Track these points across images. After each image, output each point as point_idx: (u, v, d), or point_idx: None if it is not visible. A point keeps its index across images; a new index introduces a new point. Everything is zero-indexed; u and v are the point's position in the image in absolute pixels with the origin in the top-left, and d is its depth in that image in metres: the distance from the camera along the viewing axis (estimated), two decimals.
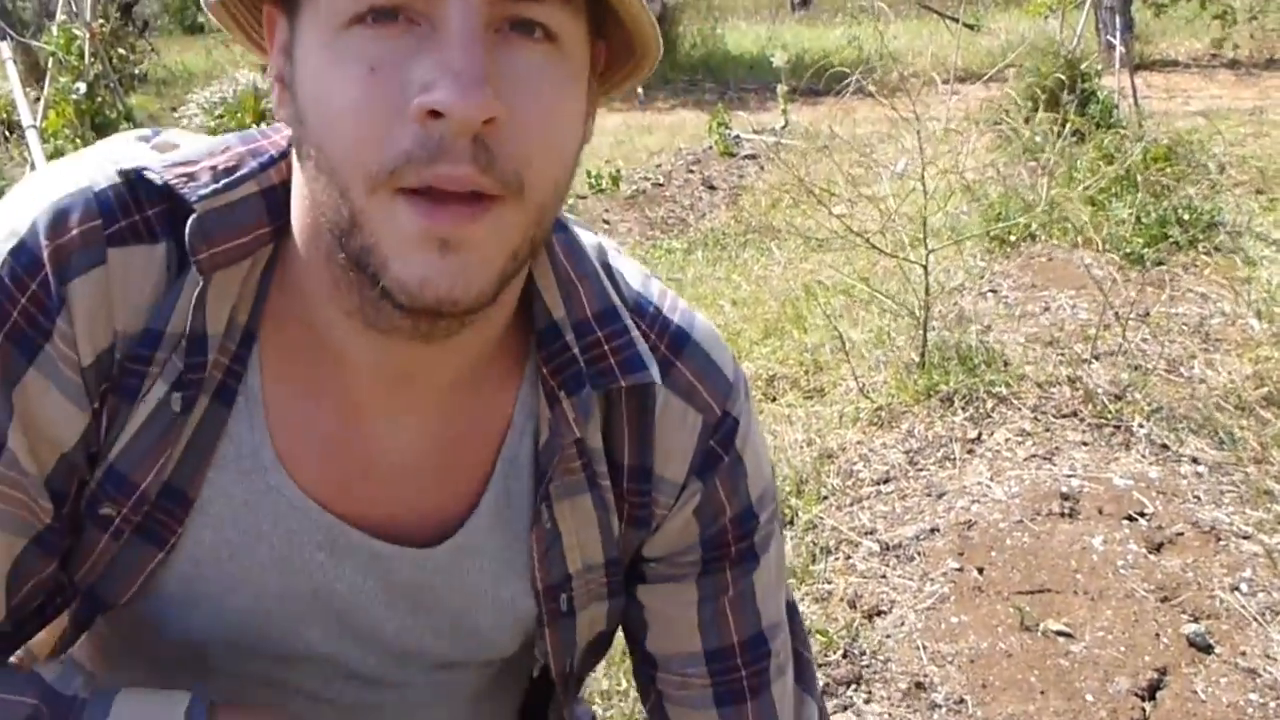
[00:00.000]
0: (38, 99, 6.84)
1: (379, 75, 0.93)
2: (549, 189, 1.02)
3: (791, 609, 1.42)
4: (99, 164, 1.10)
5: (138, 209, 1.08)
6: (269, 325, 1.15)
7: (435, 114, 0.91)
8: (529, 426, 1.23)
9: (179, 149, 1.14)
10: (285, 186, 1.12)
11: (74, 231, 1.05)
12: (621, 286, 1.26)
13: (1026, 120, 8.45)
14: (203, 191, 1.07)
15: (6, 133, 12.23)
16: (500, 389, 1.23)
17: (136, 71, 15.57)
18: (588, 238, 1.27)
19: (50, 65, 7.17)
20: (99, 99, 6.96)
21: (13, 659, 1.22)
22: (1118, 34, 10.17)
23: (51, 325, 1.05)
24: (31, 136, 6.38)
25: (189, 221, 1.06)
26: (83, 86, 6.90)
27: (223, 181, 1.09)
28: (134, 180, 1.09)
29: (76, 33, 7.13)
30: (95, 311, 1.06)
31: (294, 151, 1.05)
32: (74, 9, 7.42)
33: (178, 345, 1.09)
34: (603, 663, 1.71)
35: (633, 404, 1.24)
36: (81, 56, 7.05)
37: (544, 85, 0.98)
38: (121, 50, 11.93)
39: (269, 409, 1.16)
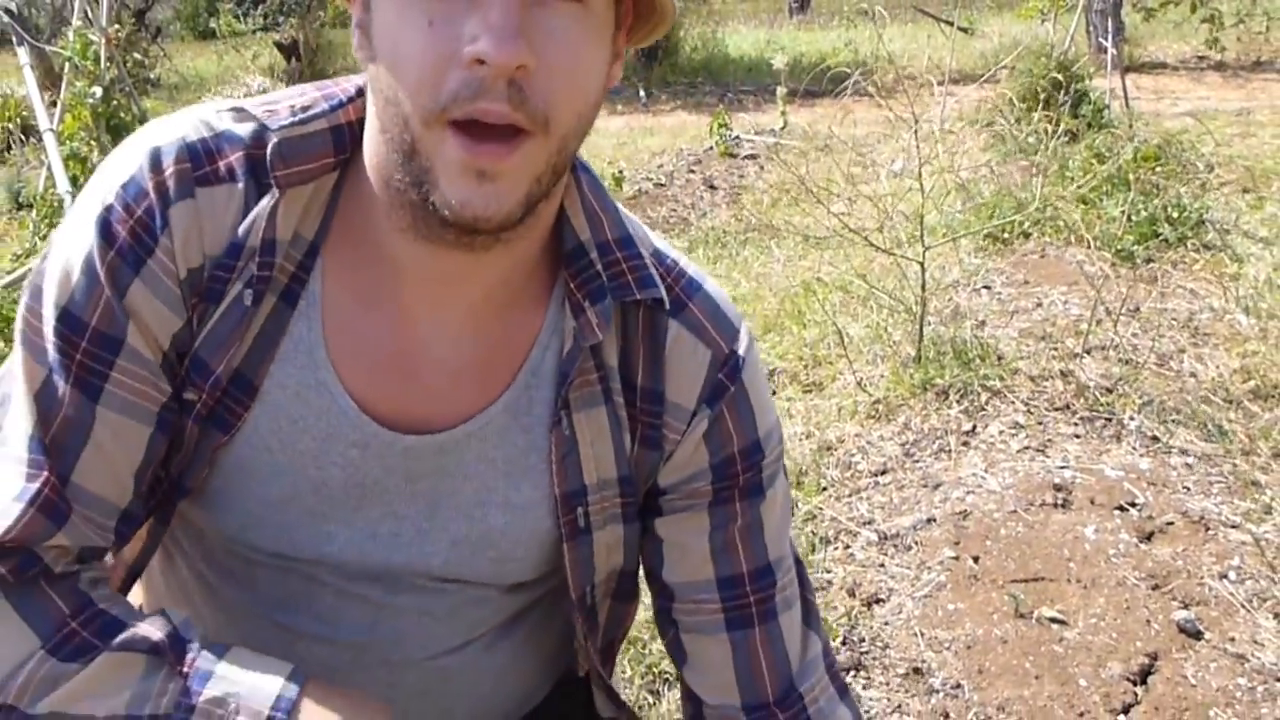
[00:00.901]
0: (54, 103, 6.86)
1: (436, 29, 1.09)
2: (572, 123, 1.17)
3: (797, 559, 1.50)
4: (191, 121, 1.27)
5: (220, 156, 1.25)
6: (333, 240, 1.31)
7: (479, 61, 1.07)
8: (554, 342, 1.36)
9: (265, 97, 1.32)
10: (352, 125, 1.29)
11: (170, 169, 1.22)
12: (640, 234, 1.42)
13: (1019, 121, 8.44)
14: (282, 122, 1.25)
15: (24, 136, 12.26)
16: (531, 308, 1.37)
17: (150, 76, 15.59)
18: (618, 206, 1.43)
19: (66, 70, 7.17)
20: (114, 103, 6.95)
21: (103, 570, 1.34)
22: (1109, 37, 10.16)
23: (155, 243, 1.21)
24: (49, 140, 6.39)
25: (270, 145, 1.23)
26: (99, 91, 6.88)
27: (299, 116, 1.26)
28: (221, 133, 1.26)
29: (92, 38, 7.12)
30: (189, 234, 1.23)
31: (368, 88, 1.22)
32: (89, 15, 7.41)
33: (254, 254, 1.25)
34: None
35: (647, 331, 1.38)
36: (97, 61, 7.04)
37: (570, 39, 1.13)
38: (136, 55, 11.92)
39: (326, 313, 1.30)
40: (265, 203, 1.24)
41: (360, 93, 1.30)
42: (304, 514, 1.34)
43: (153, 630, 1.22)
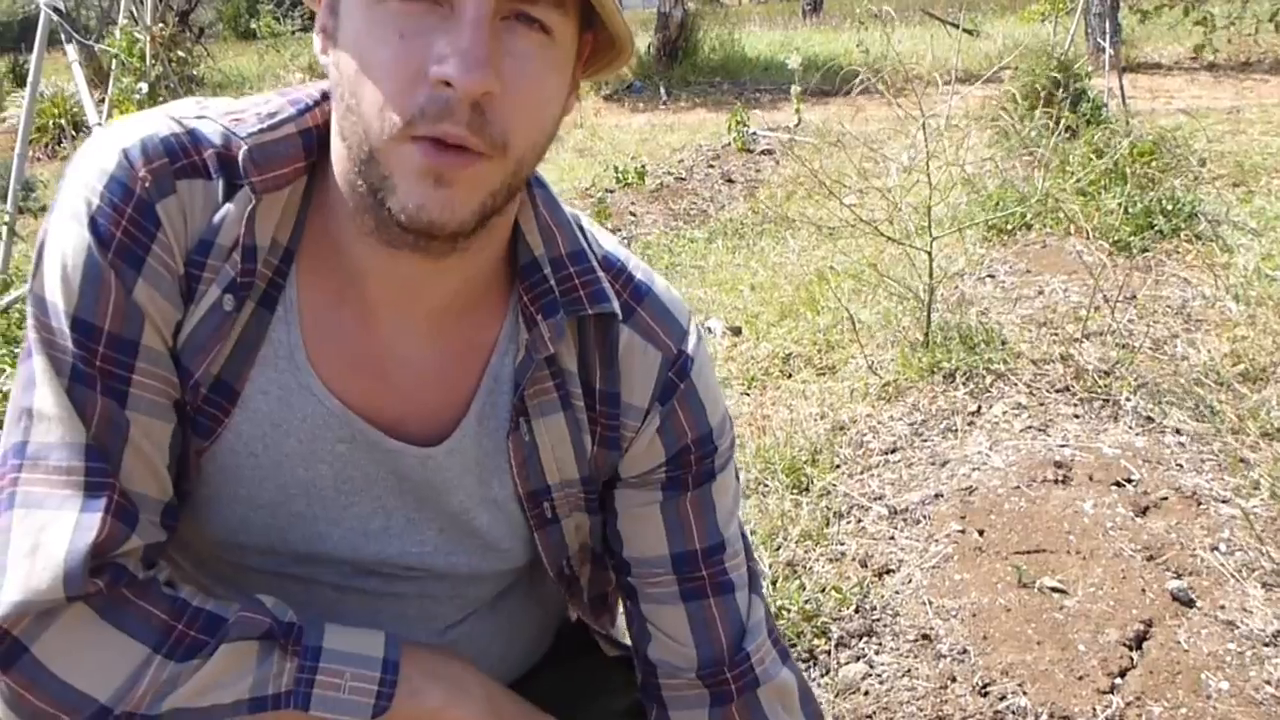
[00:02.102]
0: (101, 100, 6.86)
1: (406, 42, 1.07)
2: (528, 149, 1.16)
3: (743, 534, 1.51)
4: (160, 117, 1.23)
5: (196, 152, 1.21)
6: (306, 244, 1.27)
7: (446, 83, 1.05)
8: (511, 349, 1.35)
9: (225, 104, 1.28)
10: (320, 128, 1.26)
11: (154, 164, 1.18)
12: (593, 243, 1.40)
13: (1022, 118, 8.43)
14: (250, 129, 1.22)
15: (74, 131, 12.30)
16: (490, 317, 1.35)
17: (194, 74, 15.63)
18: (567, 209, 1.41)
19: (113, 67, 7.17)
20: (160, 98, 6.95)
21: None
22: (1107, 38, 10.13)
23: (151, 241, 1.18)
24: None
25: (241, 153, 1.20)
26: (144, 87, 6.89)
27: (266, 123, 1.23)
28: (191, 130, 1.22)
29: (138, 36, 7.13)
30: (178, 228, 1.19)
31: (331, 93, 1.19)
32: (135, 14, 7.42)
33: (228, 255, 1.21)
34: None
35: (600, 338, 1.37)
36: (143, 59, 7.05)
37: (534, 67, 1.12)
38: (180, 53, 11.96)
39: (303, 316, 1.28)
40: (237, 207, 1.20)
41: (326, 96, 1.26)
42: (294, 516, 1.32)
43: (257, 615, 1.21)
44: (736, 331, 5.52)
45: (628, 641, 1.59)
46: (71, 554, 1.12)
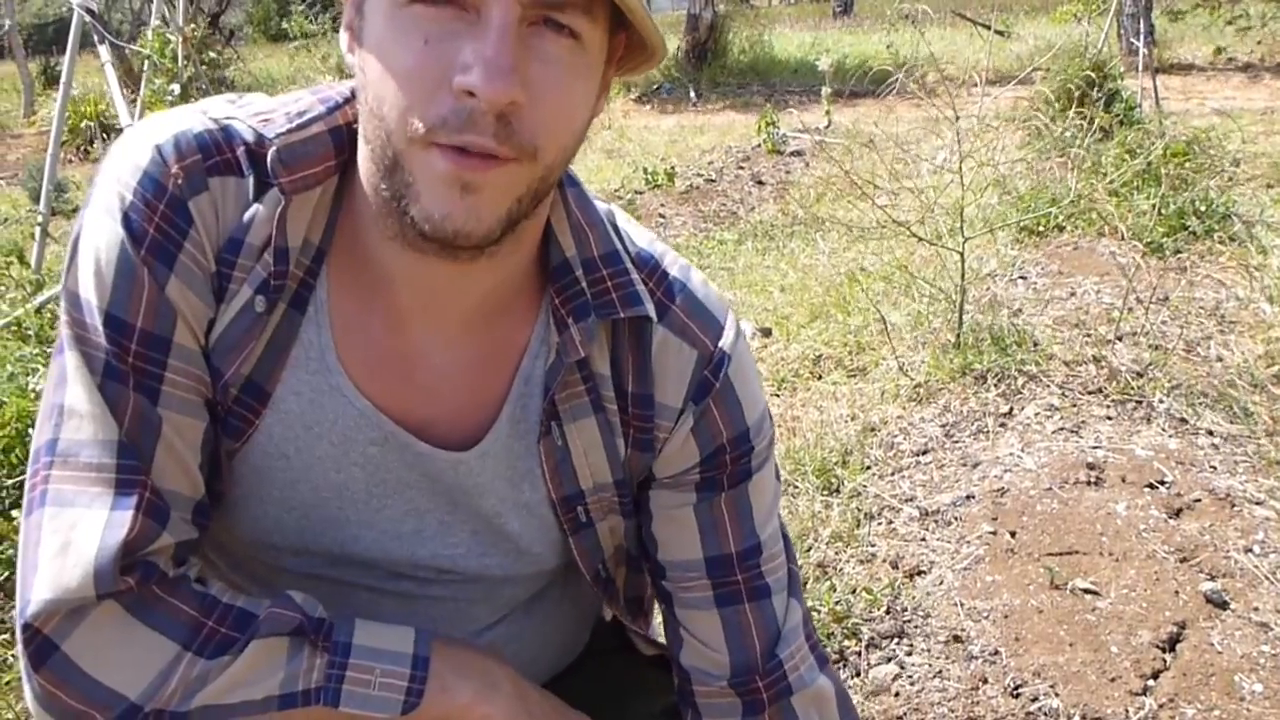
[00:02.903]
0: (133, 101, 6.89)
1: (431, 48, 1.05)
2: (557, 154, 1.14)
3: (784, 534, 1.48)
4: (194, 114, 1.23)
5: (229, 148, 1.20)
6: (337, 245, 1.27)
7: (470, 92, 1.03)
8: (542, 351, 1.34)
9: (257, 103, 1.27)
10: (350, 126, 1.24)
11: (186, 161, 1.18)
12: (627, 242, 1.37)
13: (1054, 119, 8.41)
14: (279, 130, 1.20)
15: (104, 133, 12.36)
16: (521, 319, 1.34)
17: (224, 77, 15.71)
18: (601, 205, 1.38)
19: (145, 68, 7.21)
20: (191, 100, 6.99)
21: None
22: (1141, 38, 10.09)
23: (183, 238, 1.17)
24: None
25: (269, 153, 1.19)
26: (176, 88, 6.93)
27: (295, 122, 1.22)
28: (225, 126, 1.21)
29: (170, 38, 7.17)
30: (209, 225, 1.19)
31: (356, 94, 1.18)
32: (167, 16, 7.47)
33: (259, 256, 1.21)
34: None
35: (633, 339, 1.34)
36: (175, 60, 7.09)
37: (562, 73, 1.10)
38: (211, 54, 12.04)
39: (333, 318, 1.27)
40: (268, 207, 1.20)
41: (355, 94, 1.22)
42: (327, 519, 1.32)
43: (287, 611, 1.21)
44: (766, 333, 5.52)
45: (664, 640, 1.58)
46: (102, 552, 1.12)
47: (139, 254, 1.15)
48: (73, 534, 1.13)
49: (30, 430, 3.49)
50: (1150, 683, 2.77)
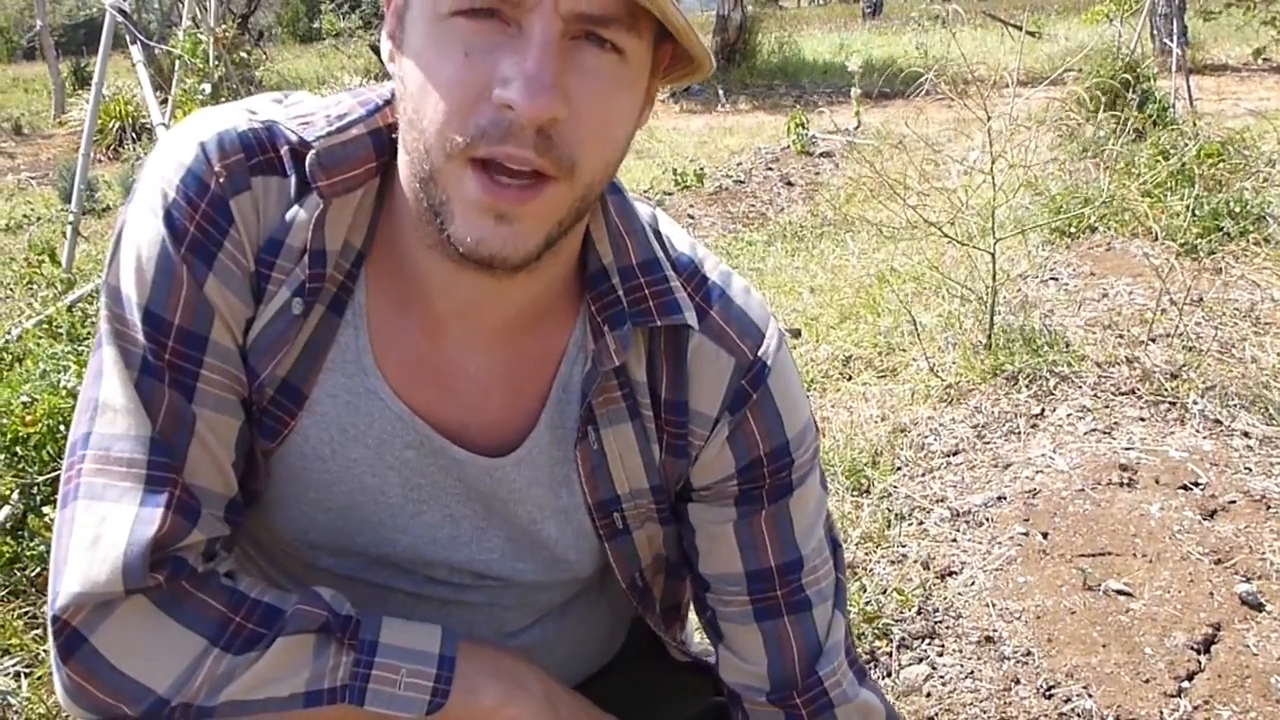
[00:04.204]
0: (164, 101, 6.93)
1: (471, 60, 1.05)
2: (599, 170, 1.13)
3: (834, 544, 1.47)
4: (239, 112, 1.23)
5: (273, 148, 1.21)
6: (376, 248, 1.27)
7: (509, 106, 1.03)
8: (580, 358, 1.33)
9: (301, 104, 1.26)
10: (391, 128, 1.23)
11: (229, 160, 1.18)
12: (667, 246, 1.36)
13: (1087, 119, 8.38)
14: (319, 133, 1.20)
15: (135, 133, 12.44)
16: (558, 326, 1.33)
17: (253, 77, 15.79)
18: (642, 208, 1.38)
19: (177, 68, 7.26)
20: (222, 100, 7.02)
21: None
22: (1174, 38, 10.06)
23: (223, 237, 1.18)
24: (162, 135, 6.48)
25: (308, 156, 1.18)
26: (208, 87, 6.98)
27: (335, 125, 1.21)
28: (269, 126, 1.21)
29: (201, 37, 7.22)
30: (250, 225, 1.19)
31: (395, 102, 1.18)
32: (198, 16, 7.52)
33: (298, 258, 1.21)
34: None
35: (670, 345, 1.33)
36: (207, 60, 7.14)
37: (604, 87, 1.08)
38: (242, 54, 12.12)
39: (371, 321, 1.27)
40: (307, 209, 1.20)
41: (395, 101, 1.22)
42: (362, 521, 1.33)
43: (314, 609, 1.21)
44: (796, 334, 5.52)
45: (696, 647, 1.58)
46: (131, 547, 1.13)
47: (179, 252, 1.16)
48: (102, 528, 1.14)
49: (62, 427, 3.53)
50: (1185, 684, 2.76)
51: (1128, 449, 3.97)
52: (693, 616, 1.64)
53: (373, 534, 1.34)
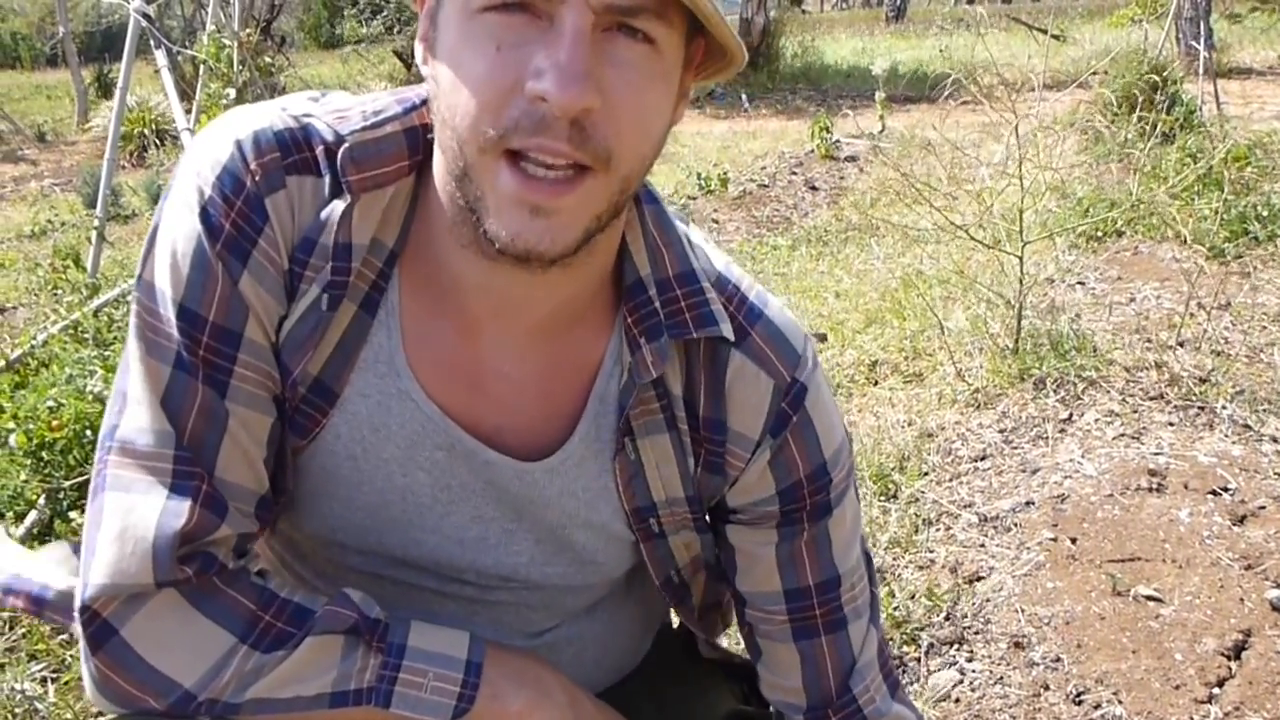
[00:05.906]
0: (188, 108, 6.97)
1: (503, 54, 1.05)
2: (635, 162, 1.13)
3: (867, 557, 1.49)
4: (275, 110, 1.24)
5: (308, 147, 1.21)
6: (409, 248, 1.27)
7: (542, 98, 1.03)
8: (616, 370, 1.34)
9: (338, 101, 1.28)
10: (427, 127, 1.24)
11: (265, 158, 1.19)
12: (704, 264, 1.36)
13: (1113, 122, 8.37)
14: (353, 127, 1.21)
15: (159, 140, 12.49)
16: (594, 336, 1.34)
17: (276, 82, 15.84)
18: (679, 224, 1.38)
19: (201, 73, 7.29)
20: (247, 104, 7.05)
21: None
22: (1201, 41, 10.04)
23: (258, 234, 1.18)
24: (186, 140, 6.52)
25: (341, 149, 1.20)
26: (232, 92, 7.00)
27: (370, 120, 1.23)
28: (305, 124, 1.22)
29: (225, 43, 7.25)
30: (285, 222, 1.20)
31: (430, 105, 1.18)
32: (222, 21, 7.55)
33: (330, 255, 1.21)
34: None
35: (708, 362, 1.33)
36: (231, 65, 7.17)
37: (638, 78, 1.09)
38: (266, 58, 12.16)
39: (404, 322, 1.28)
40: (338, 205, 1.20)
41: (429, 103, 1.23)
42: (391, 521, 1.33)
43: (344, 610, 1.22)
44: (822, 338, 5.51)
45: (726, 646, 1.59)
46: (160, 539, 1.14)
47: (214, 249, 1.16)
48: (129, 519, 1.15)
49: (88, 432, 3.55)
50: (1215, 691, 2.75)
51: (1156, 454, 3.96)
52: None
53: (401, 534, 1.34)
